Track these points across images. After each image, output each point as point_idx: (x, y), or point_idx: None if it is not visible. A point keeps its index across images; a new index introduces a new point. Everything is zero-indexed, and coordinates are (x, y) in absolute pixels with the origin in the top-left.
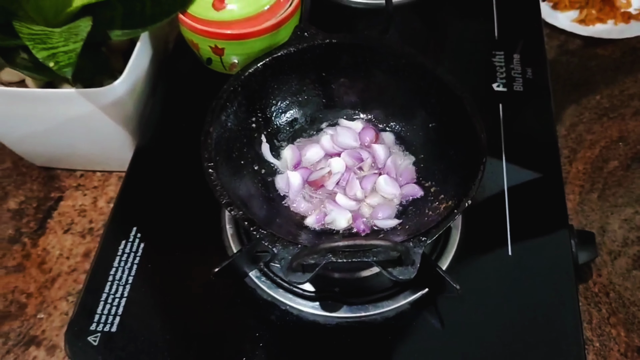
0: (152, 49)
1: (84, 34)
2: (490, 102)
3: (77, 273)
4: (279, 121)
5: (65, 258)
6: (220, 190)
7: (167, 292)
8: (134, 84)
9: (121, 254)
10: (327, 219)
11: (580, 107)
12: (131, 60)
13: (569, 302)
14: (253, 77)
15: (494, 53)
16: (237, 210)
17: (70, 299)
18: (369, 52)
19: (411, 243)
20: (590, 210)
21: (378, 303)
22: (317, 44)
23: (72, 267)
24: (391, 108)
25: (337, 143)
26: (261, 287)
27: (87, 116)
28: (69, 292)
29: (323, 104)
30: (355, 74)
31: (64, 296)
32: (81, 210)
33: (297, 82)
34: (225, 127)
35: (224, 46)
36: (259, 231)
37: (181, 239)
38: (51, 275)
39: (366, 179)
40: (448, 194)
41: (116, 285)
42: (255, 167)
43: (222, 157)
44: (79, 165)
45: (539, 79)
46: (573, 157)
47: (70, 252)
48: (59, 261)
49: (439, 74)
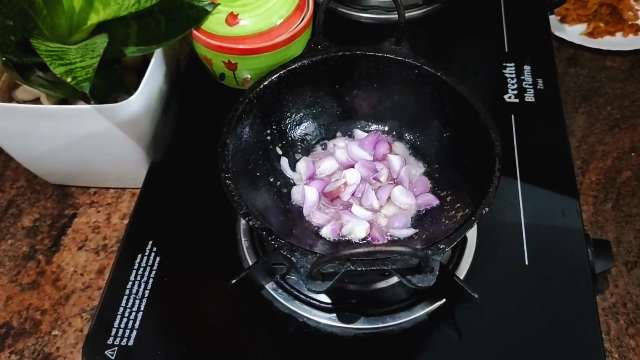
0: (166, 65)
1: (100, 50)
2: (503, 113)
3: (91, 290)
4: (293, 133)
5: (80, 275)
6: (238, 200)
7: (184, 306)
8: (148, 99)
9: (137, 268)
10: (344, 230)
11: (591, 119)
12: (146, 76)
13: (588, 312)
14: (268, 90)
15: (504, 65)
16: (256, 220)
17: (84, 316)
18: (382, 63)
19: (430, 251)
20: (604, 221)
21: (395, 314)
22: (331, 56)
23: (87, 284)
24: (405, 118)
25: (351, 155)
26: (278, 299)
27: (101, 133)
28: (83, 308)
29: (337, 115)
30: (369, 85)
31: (78, 313)
32: (95, 227)
33: (312, 95)
34: (241, 139)
35: (237, 61)
36: (277, 240)
37: (197, 253)
38: (65, 292)
39: (381, 190)
40: (464, 202)
41: (133, 299)
42: (270, 179)
43: (239, 169)
44: (93, 182)
45: (550, 89)
46: (585, 168)
47: (84, 268)
48: (73, 278)
49: (452, 83)
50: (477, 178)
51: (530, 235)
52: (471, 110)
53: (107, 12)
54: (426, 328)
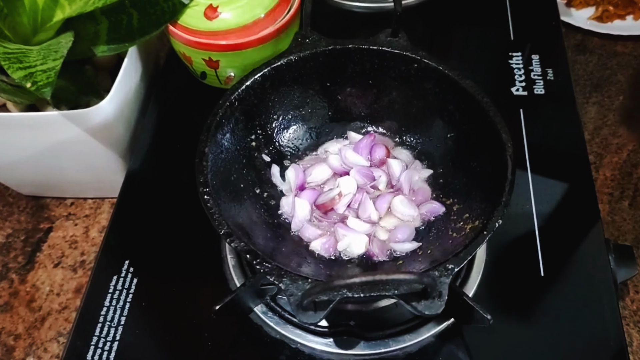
0: (142, 64)
1: (64, 50)
2: (511, 108)
3: (69, 311)
4: (281, 138)
5: (56, 295)
6: (218, 218)
7: (164, 333)
8: (122, 103)
9: (112, 292)
10: (340, 246)
11: (604, 109)
12: (118, 78)
13: (612, 326)
14: (251, 90)
15: (510, 55)
16: (238, 241)
17: (61, 340)
18: (377, 57)
19: (436, 272)
20: (622, 221)
21: (399, 337)
22: (320, 51)
23: (63, 305)
24: (404, 118)
25: (346, 161)
26: (268, 323)
27: (73, 140)
28: (60, 332)
29: (329, 117)
30: (363, 82)
31: (54, 337)
32: (72, 242)
33: (300, 94)
34: (222, 147)
35: (219, 58)
36: (262, 265)
37: (178, 273)
38: (41, 314)
39: (380, 199)
40: (473, 212)
41: (107, 327)
42: (256, 190)
43: (220, 181)
44: (69, 192)
45: (561, 80)
46: (599, 163)
47: (60, 287)
48: (49, 298)
49: (456, 78)
50: (487, 184)
51: (546, 242)
52: (478, 108)
53: (73, 8)
54: (434, 351)
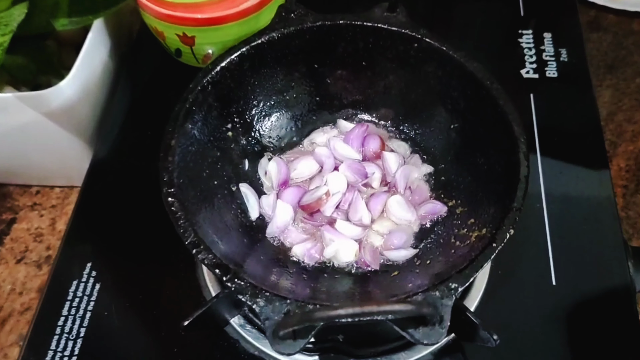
0: (111, 40)
1: (14, 24)
2: (520, 92)
3: (32, 312)
4: (261, 127)
5: (18, 294)
6: (184, 225)
7: (129, 347)
8: (86, 83)
9: (72, 299)
10: (327, 252)
11: (618, 93)
12: (81, 55)
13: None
14: (227, 72)
15: (520, 33)
16: (206, 253)
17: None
18: (372, 35)
19: (437, 292)
20: (637, 217)
21: (393, 355)
22: (306, 28)
23: (26, 305)
24: (402, 106)
25: (335, 154)
26: (246, 337)
27: (32, 124)
28: (22, 335)
29: (316, 103)
30: (356, 64)
31: (15, 341)
32: (37, 235)
33: (283, 77)
34: (193, 139)
35: (194, 34)
36: (234, 282)
37: (145, 278)
38: (1, 315)
39: (374, 199)
40: (480, 217)
41: (65, 340)
42: (232, 187)
43: (188, 179)
44: (35, 180)
45: (576, 62)
46: (613, 152)
47: (23, 286)
48: (11, 298)
49: (462, 60)
50: (496, 185)
51: (557, 246)
52: (487, 95)
53: None
54: None
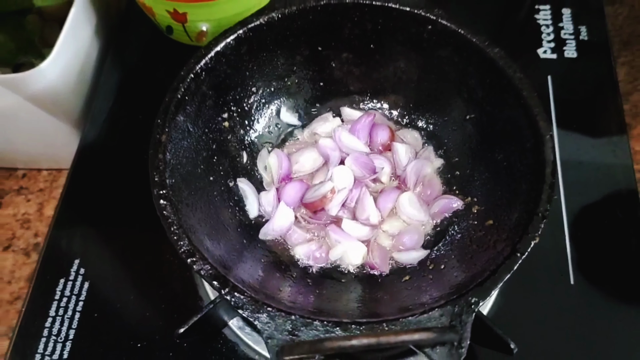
0: (96, 15)
1: None
2: (537, 74)
3: (21, 302)
4: (260, 116)
5: (7, 283)
6: (177, 231)
7: (120, 350)
8: (70, 63)
9: (59, 299)
10: (333, 255)
11: (634, 71)
12: (63, 33)
13: None
14: (222, 58)
15: (537, 8)
16: (202, 263)
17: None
18: (381, 16)
19: (457, 308)
20: None
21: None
22: (310, 7)
23: (15, 295)
24: (413, 94)
25: (340, 145)
26: (245, 341)
27: (13, 107)
28: (11, 326)
29: (320, 89)
30: (364, 47)
31: (4, 333)
32: (24, 221)
33: (284, 61)
34: (185, 132)
35: (186, 10)
36: (234, 295)
37: (138, 277)
38: None
39: (384, 197)
40: (500, 220)
41: (53, 344)
42: (229, 182)
43: (182, 177)
44: (21, 163)
45: (597, 40)
46: (628, 135)
47: (12, 275)
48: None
49: (481, 45)
50: (518, 185)
51: (576, 244)
52: (508, 85)
53: None
54: None
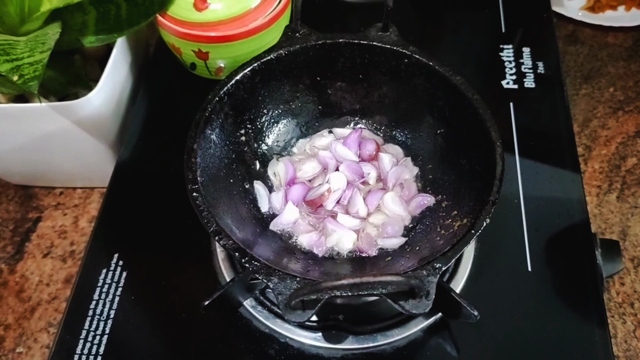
0: (131, 54)
1: (51, 42)
2: (501, 101)
3: (59, 301)
4: (270, 132)
5: (46, 285)
6: (207, 216)
7: (153, 327)
8: (111, 94)
9: (101, 285)
10: (329, 241)
11: (593, 101)
12: (107, 69)
13: (597, 321)
14: (241, 85)
15: (501, 47)
16: (227, 239)
17: (51, 331)
18: (368, 52)
19: (424, 271)
20: (609, 213)
21: (387, 332)
22: (310, 46)
23: (53, 295)
24: (394, 114)
25: (335, 155)
26: (257, 317)
27: (61, 131)
28: (50, 322)
29: (319, 111)
30: (354, 77)
31: (44, 327)
32: (61, 232)
33: (290, 88)
34: (211, 143)
35: (209, 50)
36: (251, 263)
37: (167, 266)
38: (30, 304)
39: (371, 195)
40: (462, 209)
41: (97, 321)
42: (246, 185)
43: (209, 177)
44: (58, 182)
45: (552, 74)
46: (588, 155)
47: (50, 278)
48: (39, 288)
49: (446, 74)
50: (476, 182)
51: (533, 237)
52: (468, 105)
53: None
54: (421, 345)
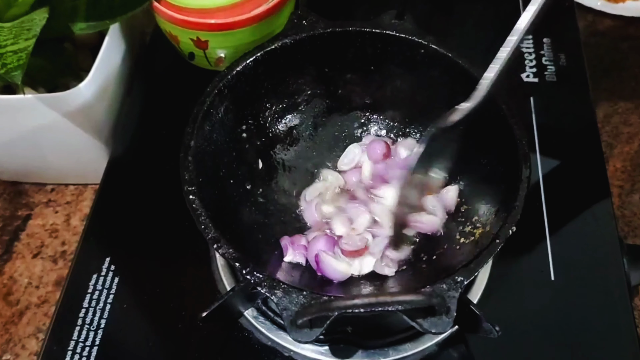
0: (125, 43)
1: (37, 28)
2: (520, 96)
3: (49, 305)
4: (274, 128)
5: (35, 287)
6: (204, 221)
7: (147, 338)
8: (103, 85)
9: (92, 292)
10: None
11: (614, 96)
12: (98, 58)
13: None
14: (242, 77)
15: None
16: (226, 247)
17: (40, 337)
18: (380, 41)
19: (444, 285)
20: (632, 215)
21: (399, 346)
22: (318, 34)
23: (43, 298)
24: (409, 108)
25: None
26: (259, 329)
27: (50, 124)
28: (39, 328)
29: (327, 105)
30: (365, 68)
31: (33, 333)
32: (52, 231)
33: (295, 81)
34: (210, 140)
35: (208, 38)
36: (253, 275)
37: (162, 272)
38: (18, 308)
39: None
40: (483, 216)
41: (86, 331)
42: (247, 186)
43: (207, 177)
44: (49, 178)
45: (574, 66)
46: (609, 154)
47: (40, 280)
48: (28, 291)
49: (466, 66)
50: (497, 185)
51: (556, 244)
52: (489, 100)
53: None
54: None
